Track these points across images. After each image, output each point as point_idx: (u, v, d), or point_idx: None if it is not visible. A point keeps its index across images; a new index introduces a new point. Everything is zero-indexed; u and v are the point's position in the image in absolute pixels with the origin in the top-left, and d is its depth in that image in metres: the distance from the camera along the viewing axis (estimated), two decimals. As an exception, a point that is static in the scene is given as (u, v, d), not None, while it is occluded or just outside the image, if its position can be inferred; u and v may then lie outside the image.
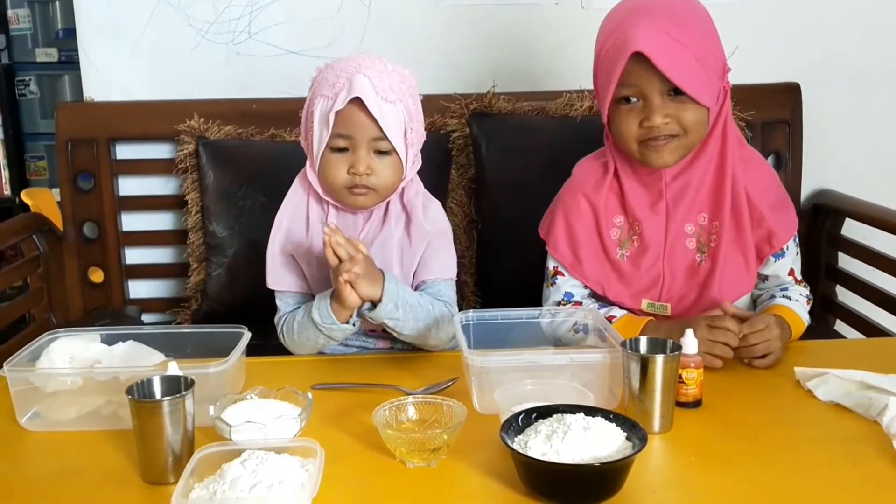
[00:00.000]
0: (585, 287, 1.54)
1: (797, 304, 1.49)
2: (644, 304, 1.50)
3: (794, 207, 1.56)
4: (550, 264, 1.57)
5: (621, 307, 1.51)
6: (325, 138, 1.39)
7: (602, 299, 1.54)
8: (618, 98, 1.42)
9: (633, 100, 1.41)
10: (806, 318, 1.49)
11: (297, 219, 1.48)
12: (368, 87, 1.35)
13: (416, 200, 1.48)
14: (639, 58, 1.35)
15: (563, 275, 1.55)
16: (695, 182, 1.47)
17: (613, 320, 1.47)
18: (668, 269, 1.48)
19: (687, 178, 1.47)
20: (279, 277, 1.48)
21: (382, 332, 1.46)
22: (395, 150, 1.39)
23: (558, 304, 1.54)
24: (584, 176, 1.54)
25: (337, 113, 1.36)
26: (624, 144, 1.45)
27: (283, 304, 1.49)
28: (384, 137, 1.38)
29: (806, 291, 1.54)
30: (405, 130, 1.40)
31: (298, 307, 1.46)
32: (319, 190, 1.44)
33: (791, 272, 1.54)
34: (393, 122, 1.38)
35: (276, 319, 1.49)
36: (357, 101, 1.35)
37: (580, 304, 1.53)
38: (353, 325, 1.38)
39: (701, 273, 1.48)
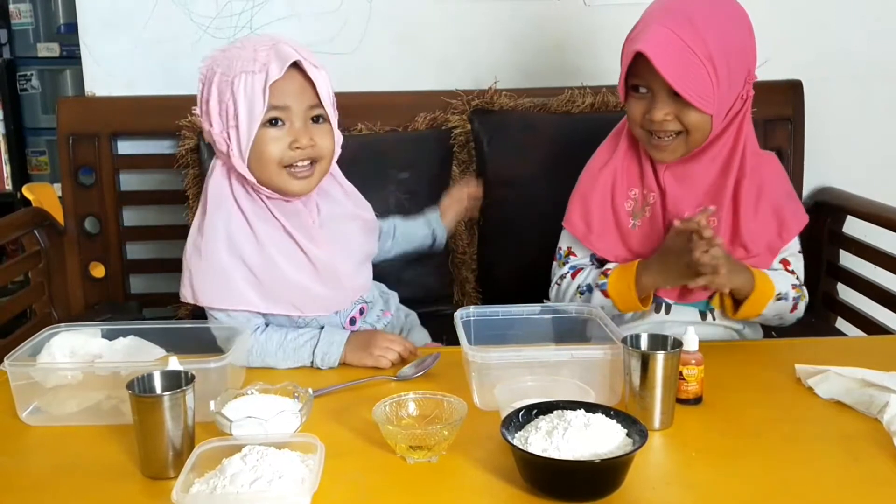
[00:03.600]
0: (592, 262, 1.59)
1: (774, 272, 1.49)
2: None
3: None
4: (564, 244, 1.61)
5: None
6: (258, 115, 1.29)
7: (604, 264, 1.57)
8: (630, 84, 1.47)
9: (643, 90, 1.45)
10: (779, 287, 1.47)
11: (236, 221, 1.35)
12: (296, 55, 1.30)
13: (343, 179, 1.48)
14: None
15: (575, 255, 1.59)
16: (695, 178, 1.49)
17: (609, 272, 1.50)
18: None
19: (685, 171, 1.50)
20: (231, 294, 1.34)
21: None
22: (328, 117, 1.36)
23: (563, 277, 1.59)
24: (600, 155, 1.59)
25: (271, 85, 1.29)
26: (632, 127, 1.50)
27: (233, 322, 1.35)
28: (320, 104, 1.35)
29: (798, 283, 1.52)
30: (332, 97, 1.38)
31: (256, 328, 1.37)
32: (254, 180, 1.33)
33: (785, 262, 1.53)
34: (324, 87, 1.34)
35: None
36: (290, 70, 1.30)
37: (582, 269, 1.57)
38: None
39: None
